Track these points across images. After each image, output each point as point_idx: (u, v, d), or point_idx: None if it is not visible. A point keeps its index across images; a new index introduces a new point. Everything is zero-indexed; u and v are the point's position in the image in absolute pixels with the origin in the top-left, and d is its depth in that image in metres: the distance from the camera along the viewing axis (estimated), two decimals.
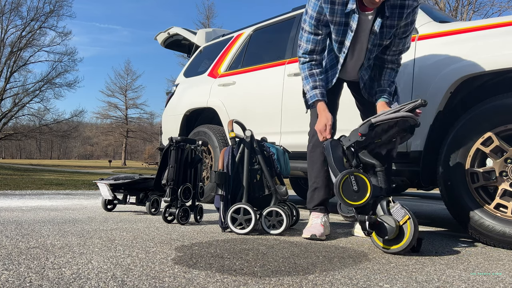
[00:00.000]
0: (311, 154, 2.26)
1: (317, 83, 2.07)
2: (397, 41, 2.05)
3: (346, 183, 1.76)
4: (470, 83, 2.24)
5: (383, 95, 2.08)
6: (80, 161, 64.13)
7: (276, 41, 3.60)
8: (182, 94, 4.41)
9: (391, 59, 2.12)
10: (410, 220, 1.70)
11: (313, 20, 2.00)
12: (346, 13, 1.94)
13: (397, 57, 2.12)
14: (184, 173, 2.56)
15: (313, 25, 2.02)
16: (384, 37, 2.00)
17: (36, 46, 26.87)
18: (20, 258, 1.45)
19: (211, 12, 30.81)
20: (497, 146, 2.00)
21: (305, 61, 2.10)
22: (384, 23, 1.95)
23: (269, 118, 3.34)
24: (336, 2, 1.92)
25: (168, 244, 1.81)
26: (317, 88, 2.07)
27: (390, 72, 2.13)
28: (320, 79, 2.08)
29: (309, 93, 2.08)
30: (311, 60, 2.09)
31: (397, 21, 1.95)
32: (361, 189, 1.75)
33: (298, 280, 1.29)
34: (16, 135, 28.00)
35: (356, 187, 1.75)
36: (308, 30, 2.05)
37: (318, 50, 2.08)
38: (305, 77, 2.10)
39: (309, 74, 2.08)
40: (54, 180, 7.68)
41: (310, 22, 2.02)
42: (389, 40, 2.03)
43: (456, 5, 15.52)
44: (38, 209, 3.02)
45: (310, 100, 2.08)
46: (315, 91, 2.06)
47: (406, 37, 2.04)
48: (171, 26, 5.14)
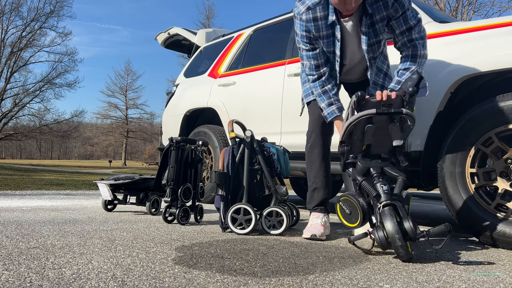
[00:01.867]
0: (310, 154, 2.26)
1: (332, 99, 2.07)
2: (394, 22, 1.95)
3: (341, 209, 1.79)
4: (470, 83, 2.24)
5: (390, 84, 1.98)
6: (80, 161, 64.15)
7: (276, 41, 3.60)
8: (182, 94, 4.41)
9: (403, 43, 1.98)
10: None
11: (304, 38, 2.05)
12: (330, 25, 1.97)
13: (408, 37, 1.96)
14: (184, 173, 2.56)
15: (306, 43, 2.05)
16: (379, 32, 1.99)
17: (36, 47, 26.92)
18: (21, 258, 1.45)
19: (211, 12, 30.90)
20: (497, 146, 2.00)
21: (315, 79, 2.10)
22: (373, 19, 1.94)
23: (269, 118, 3.34)
24: (318, 18, 1.97)
25: (168, 244, 1.81)
26: (333, 105, 2.06)
27: (404, 60, 1.98)
28: (334, 94, 2.08)
29: (326, 110, 2.07)
30: (320, 76, 2.09)
31: (385, 11, 1.93)
32: (352, 211, 1.75)
33: (298, 280, 1.29)
34: (16, 135, 28.02)
35: (348, 210, 1.77)
36: (304, 48, 2.08)
37: (322, 62, 2.08)
38: (319, 95, 2.09)
39: (322, 92, 2.08)
40: (54, 180, 7.68)
41: (303, 41, 2.06)
42: (383, 33, 2.01)
43: (456, 5, 15.53)
44: (38, 209, 3.02)
45: (328, 117, 2.07)
46: (332, 108, 2.06)
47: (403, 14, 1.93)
48: (171, 26, 5.15)
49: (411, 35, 1.97)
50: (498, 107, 1.98)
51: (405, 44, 1.98)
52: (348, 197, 1.76)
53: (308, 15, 1.98)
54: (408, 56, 1.97)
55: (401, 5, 1.93)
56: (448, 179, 2.14)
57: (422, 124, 2.31)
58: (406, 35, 1.97)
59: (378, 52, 2.08)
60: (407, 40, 1.97)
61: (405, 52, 1.99)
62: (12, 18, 25.90)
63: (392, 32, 2.02)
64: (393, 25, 1.98)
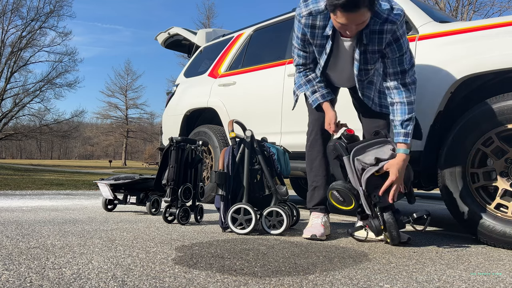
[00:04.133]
0: (310, 153, 2.26)
1: (315, 87, 2.15)
2: (389, 61, 1.95)
3: (333, 196, 1.97)
4: (470, 83, 2.24)
5: (399, 139, 1.94)
6: (81, 161, 64.17)
7: (277, 41, 3.60)
8: (182, 94, 4.41)
9: (395, 85, 1.96)
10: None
11: (298, 39, 2.09)
12: (326, 36, 1.98)
13: (401, 81, 1.95)
14: (185, 173, 2.56)
15: (300, 44, 2.10)
16: (368, 62, 2.00)
17: (36, 46, 26.89)
18: (21, 258, 1.45)
19: (211, 12, 30.94)
20: (498, 146, 2.00)
21: (300, 70, 2.20)
22: (365, 49, 1.95)
23: (270, 118, 3.34)
24: (316, 26, 1.98)
25: (169, 244, 1.81)
26: (316, 92, 2.15)
27: (401, 108, 1.95)
28: (318, 82, 2.16)
29: (310, 97, 2.17)
30: (305, 69, 2.18)
31: (377, 46, 1.92)
32: (346, 200, 1.95)
33: (299, 280, 1.29)
34: (17, 135, 28.01)
35: (341, 198, 1.95)
36: (297, 47, 2.14)
37: (308, 62, 2.16)
38: (304, 84, 2.18)
39: (306, 81, 2.17)
40: (54, 180, 7.68)
41: (297, 41, 2.11)
42: (374, 65, 2.03)
43: (456, 5, 15.52)
44: (38, 209, 3.02)
45: (313, 104, 2.16)
46: (315, 96, 2.15)
47: (400, 56, 1.92)
48: (172, 26, 5.14)
49: (404, 79, 1.96)
50: (498, 107, 1.98)
51: (399, 87, 1.97)
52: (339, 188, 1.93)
53: (308, 20, 1.98)
54: (404, 104, 1.96)
55: (399, 48, 1.91)
56: (448, 179, 2.14)
57: (422, 124, 2.31)
58: (400, 78, 1.96)
59: (365, 77, 2.08)
60: (401, 84, 1.96)
61: (399, 98, 1.97)
62: (12, 18, 25.92)
63: (384, 68, 2.01)
64: (387, 63, 1.97)
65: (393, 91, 1.99)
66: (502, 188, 2.00)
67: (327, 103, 2.12)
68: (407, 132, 1.93)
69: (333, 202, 1.97)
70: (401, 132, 1.94)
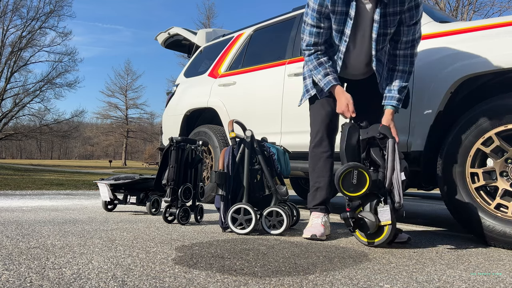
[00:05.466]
0: (314, 153, 2.25)
1: (328, 70, 2.09)
2: (406, 29, 2.00)
3: (348, 175, 1.86)
4: (470, 83, 2.24)
5: (392, 102, 2.03)
6: (81, 161, 64.17)
7: (277, 41, 3.60)
8: (182, 94, 4.41)
9: (404, 54, 2.05)
10: (390, 226, 1.84)
11: (315, 12, 2.02)
12: (347, 2, 1.97)
13: (410, 50, 2.05)
14: (185, 173, 2.56)
15: (315, 18, 2.03)
16: (388, 25, 1.99)
17: (36, 46, 26.90)
18: (21, 258, 1.45)
19: (211, 12, 30.94)
20: (498, 146, 2.00)
21: (310, 53, 2.11)
22: (386, 11, 1.95)
23: (270, 118, 3.34)
24: None
25: (169, 244, 1.81)
26: (329, 75, 2.08)
27: (401, 76, 2.06)
28: (330, 65, 2.10)
29: (322, 81, 2.09)
30: (316, 50, 2.11)
31: (399, 7, 1.94)
32: (360, 183, 1.85)
33: (299, 280, 1.29)
34: (17, 135, 28.02)
35: (355, 180, 1.85)
36: (310, 23, 2.07)
37: (321, 42, 2.09)
38: (315, 67, 2.10)
39: (318, 64, 2.10)
40: (54, 180, 7.68)
41: (312, 15, 2.04)
42: (393, 28, 2.01)
43: (456, 5, 15.52)
44: (38, 209, 3.02)
45: (325, 87, 2.09)
46: (328, 78, 2.08)
47: (415, 24, 1.99)
48: (172, 26, 5.14)
49: (413, 49, 2.06)
50: (498, 107, 1.98)
51: (406, 56, 2.07)
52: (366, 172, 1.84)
53: None
54: (405, 72, 2.07)
55: (417, 13, 1.98)
56: (448, 179, 2.14)
57: (422, 124, 2.31)
58: (410, 47, 2.05)
59: (382, 45, 2.07)
60: (410, 54, 2.06)
61: (403, 67, 2.07)
62: (12, 18, 25.92)
63: (397, 36, 2.04)
64: (402, 31, 2.02)
65: (401, 59, 2.07)
66: (502, 188, 2.00)
67: (339, 86, 2.08)
68: (401, 98, 2.05)
69: (342, 189, 1.86)
70: (395, 96, 2.04)
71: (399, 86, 2.04)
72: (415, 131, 2.35)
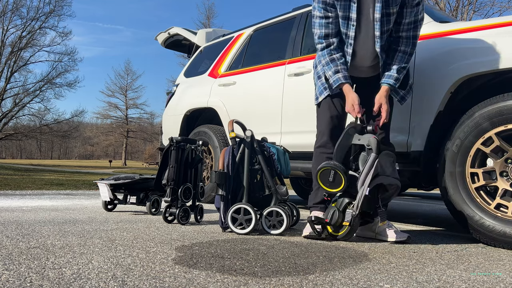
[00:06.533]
0: (318, 154, 2.25)
1: (339, 67, 2.10)
2: (409, 10, 2.02)
3: (326, 172, 1.97)
4: (470, 83, 2.24)
5: (389, 80, 2.06)
6: (81, 161, 64.17)
7: (277, 41, 3.60)
8: (182, 94, 4.41)
9: (407, 35, 2.08)
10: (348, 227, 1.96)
11: (320, 3, 2.07)
12: None
13: (413, 32, 2.07)
14: (185, 173, 2.56)
15: (321, 8, 2.07)
16: (390, 4, 2.00)
17: (36, 46, 26.88)
18: (21, 258, 1.45)
19: (211, 12, 30.91)
20: (498, 146, 2.00)
21: (323, 47, 2.13)
22: None
23: (270, 118, 3.34)
24: None
25: (169, 244, 1.81)
26: (339, 72, 2.09)
27: (402, 56, 2.08)
28: (341, 63, 2.10)
29: (332, 78, 2.10)
30: (328, 44, 2.12)
31: None
32: (335, 182, 1.96)
33: (299, 280, 1.29)
34: (17, 135, 28.01)
35: (331, 178, 1.96)
36: (318, 15, 2.10)
37: (332, 33, 2.11)
38: (327, 63, 2.12)
39: (330, 60, 2.11)
40: (54, 180, 7.68)
41: (318, 6, 2.08)
42: (396, 7, 2.01)
43: (456, 5, 15.51)
44: (38, 209, 3.02)
45: (334, 84, 2.10)
46: (338, 75, 2.09)
47: (417, 4, 2.01)
48: (172, 26, 5.14)
49: (416, 31, 2.09)
50: (498, 107, 1.98)
51: (409, 38, 2.10)
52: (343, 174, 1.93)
53: None
54: (406, 53, 2.10)
55: None
56: (448, 179, 2.14)
57: (422, 124, 2.31)
58: (412, 28, 2.08)
59: (386, 27, 2.06)
60: (412, 35, 2.09)
61: (404, 48, 2.11)
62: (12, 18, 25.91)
63: (400, 18, 2.06)
64: (405, 13, 2.04)
65: (404, 40, 2.10)
66: (502, 188, 2.00)
67: (348, 85, 2.08)
68: (399, 77, 2.08)
69: (319, 181, 1.98)
70: (393, 75, 2.07)
71: (399, 66, 2.07)
72: (415, 131, 2.35)
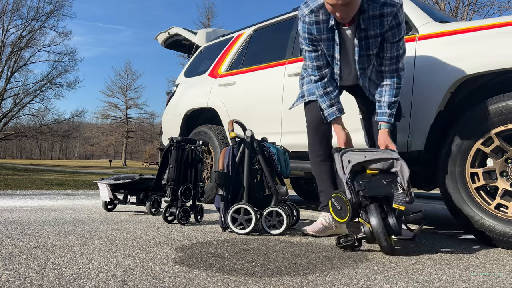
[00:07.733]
0: (310, 159, 2.32)
1: (333, 101, 2.15)
2: (389, 45, 2.03)
3: (332, 206, 1.90)
4: (470, 83, 2.24)
5: (383, 118, 2.06)
6: (81, 161, 64.17)
7: (277, 41, 3.60)
8: (182, 94, 4.41)
9: (389, 69, 2.08)
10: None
11: (307, 40, 2.12)
12: (331, 29, 2.05)
13: (395, 66, 2.08)
14: (185, 173, 2.56)
15: (309, 44, 2.13)
16: (370, 47, 2.05)
17: (36, 46, 26.87)
18: (21, 258, 1.45)
19: (211, 12, 30.87)
20: (498, 146, 2.00)
21: (317, 80, 2.17)
22: (367, 34, 2.01)
23: (270, 118, 3.34)
24: (320, 21, 2.05)
25: (169, 244, 1.81)
26: (333, 106, 2.14)
27: (390, 91, 2.08)
28: (335, 96, 2.16)
29: (326, 110, 2.15)
30: (322, 77, 2.16)
31: (379, 29, 2.00)
32: (343, 207, 1.85)
33: (299, 280, 1.29)
34: (17, 135, 28.00)
35: (338, 206, 1.87)
36: (307, 49, 2.15)
37: (324, 64, 2.15)
38: (321, 96, 2.16)
39: (324, 93, 2.16)
40: (54, 180, 7.68)
41: (305, 42, 2.14)
42: (376, 49, 2.06)
43: (456, 5, 15.51)
44: (38, 209, 3.02)
45: (329, 118, 2.15)
46: (332, 109, 2.14)
47: (398, 40, 2.03)
48: (172, 26, 5.14)
49: (398, 64, 2.09)
50: (498, 107, 1.98)
51: (392, 71, 2.09)
52: (339, 193, 1.87)
53: (311, 18, 2.05)
54: (393, 87, 2.09)
55: (399, 32, 2.01)
56: (448, 179, 2.14)
57: (422, 124, 2.31)
58: (395, 62, 2.08)
59: (367, 64, 2.13)
60: (395, 69, 2.09)
61: (390, 82, 2.10)
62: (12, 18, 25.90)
63: (381, 52, 2.08)
64: (386, 48, 2.06)
65: (387, 74, 2.11)
66: (502, 188, 2.00)
67: (340, 120, 2.15)
68: (392, 113, 2.08)
69: (332, 213, 1.90)
70: (386, 112, 2.08)
71: (389, 101, 2.07)
72: (415, 131, 2.35)
